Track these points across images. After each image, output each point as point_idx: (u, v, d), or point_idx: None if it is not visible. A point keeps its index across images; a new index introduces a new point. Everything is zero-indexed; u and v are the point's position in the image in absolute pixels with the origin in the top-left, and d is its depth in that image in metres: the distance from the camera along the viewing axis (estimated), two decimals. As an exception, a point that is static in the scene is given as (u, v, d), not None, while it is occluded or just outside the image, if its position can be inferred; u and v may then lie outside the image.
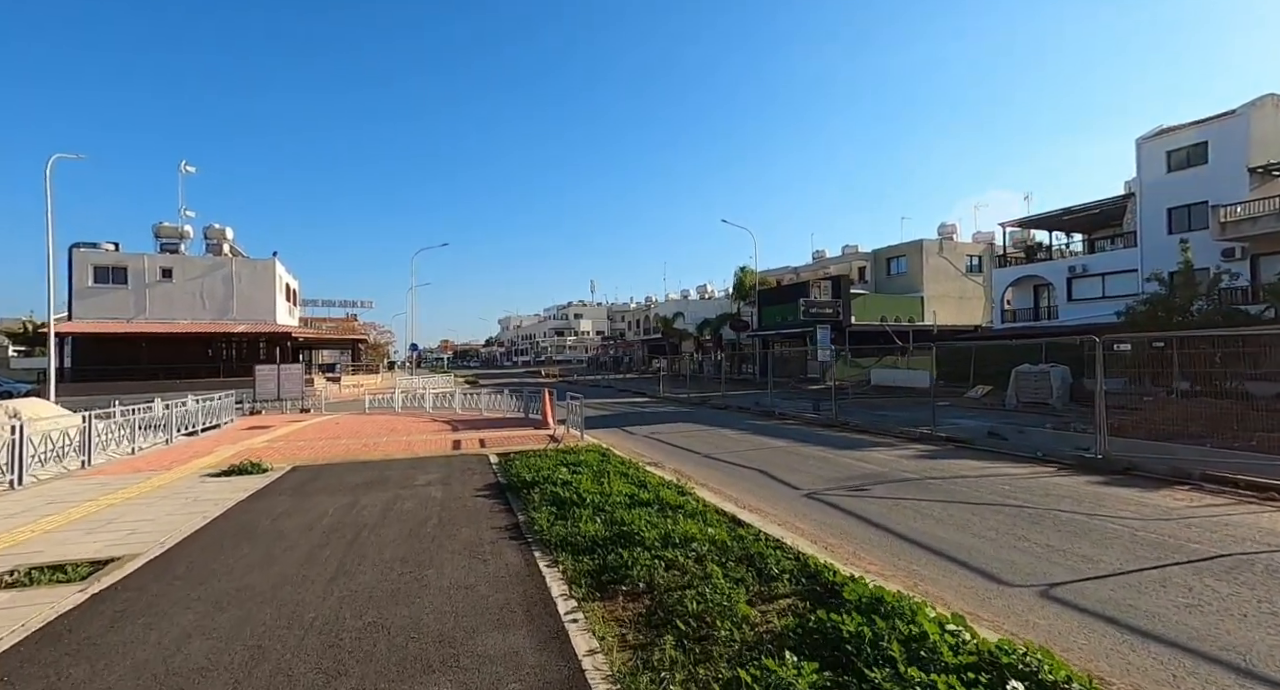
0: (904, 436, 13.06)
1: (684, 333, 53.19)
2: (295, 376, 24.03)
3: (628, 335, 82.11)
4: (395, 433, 14.51)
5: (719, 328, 46.01)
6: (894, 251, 42.37)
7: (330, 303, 58.81)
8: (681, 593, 4.09)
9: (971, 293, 41.86)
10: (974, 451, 10.97)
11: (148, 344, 31.66)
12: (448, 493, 7.78)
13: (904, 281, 41.00)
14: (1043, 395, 19.09)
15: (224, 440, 13.50)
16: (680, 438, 13.89)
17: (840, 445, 12.05)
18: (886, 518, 6.54)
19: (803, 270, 49.95)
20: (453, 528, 6.08)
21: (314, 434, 14.52)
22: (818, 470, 9.40)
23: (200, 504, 7.22)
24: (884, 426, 14.32)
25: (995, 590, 4.44)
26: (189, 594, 4.32)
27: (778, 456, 10.84)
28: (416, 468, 9.70)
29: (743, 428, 15.58)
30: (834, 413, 16.23)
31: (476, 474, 9.10)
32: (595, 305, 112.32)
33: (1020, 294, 33.36)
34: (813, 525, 6.36)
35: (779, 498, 7.68)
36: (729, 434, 14.36)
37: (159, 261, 33.97)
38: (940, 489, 7.86)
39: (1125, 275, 26.90)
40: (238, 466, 9.34)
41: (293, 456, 10.95)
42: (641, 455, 11.36)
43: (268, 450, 11.75)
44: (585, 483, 7.48)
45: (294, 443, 12.91)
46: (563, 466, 8.70)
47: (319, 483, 8.55)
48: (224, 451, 11.66)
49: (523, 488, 7.58)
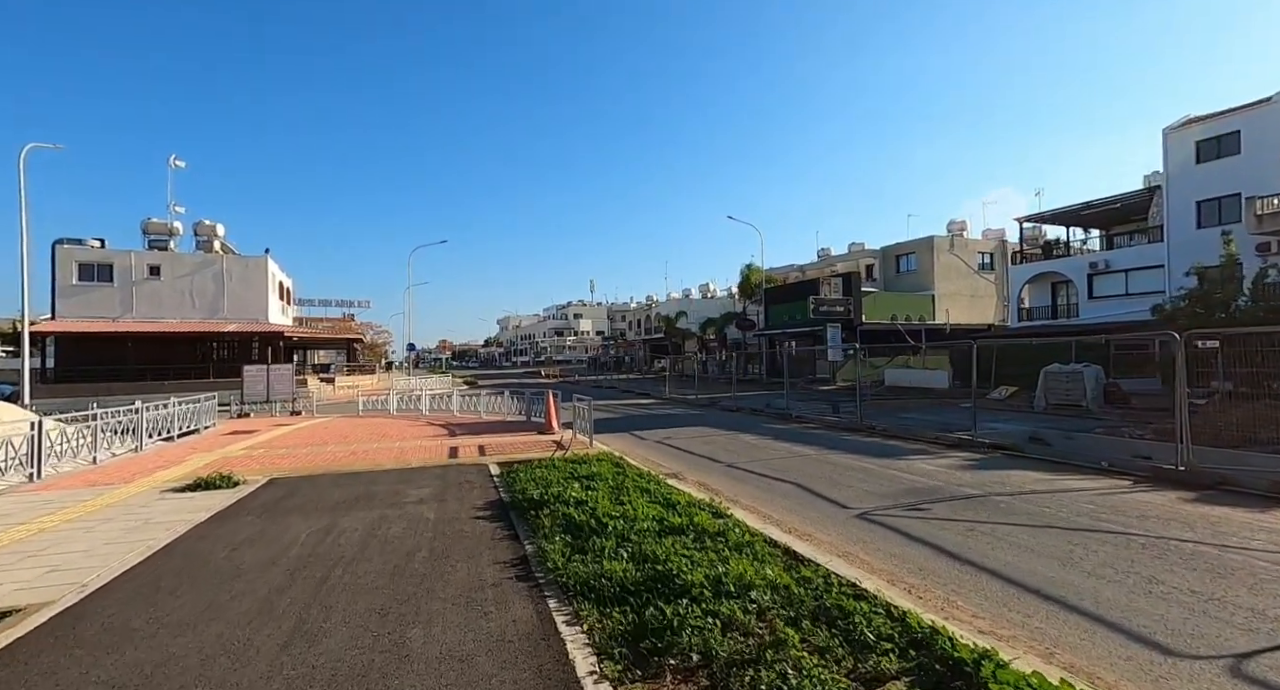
0: (940, 442, 11.99)
1: (687, 332, 52.10)
2: (285, 377, 22.90)
3: (628, 335, 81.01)
4: (387, 438, 13.41)
5: (724, 327, 44.93)
6: (903, 248, 41.32)
7: (327, 302, 57.63)
8: (753, 672, 3.01)
9: (983, 291, 40.82)
10: (1028, 461, 9.89)
11: (134, 344, 30.48)
12: (442, 513, 6.69)
13: (914, 279, 39.95)
14: (1074, 397, 18.02)
15: (200, 447, 12.39)
16: (697, 444, 12.80)
17: (874, 452, 10.97)
18: (966, 548, 5.46)
19: (808, 268, 48.88)
20: (447, 562, 4.99)
21: (299, 440, 13.42)
22: (861, 484, 8.32)
23: (149, 529, 6.13)
24: (914, 431, 13.25)
25: (1165, 665, 3.35)
26: (86, 674, 3.22)
27: (810, 466, 9.75)
28: (408, 480, 8.61)
29: (761, 432, 14.51)
30: (858, 416, 15.15)
31: (475, 488, 8.02)
32: (595, 305, 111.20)
33: (1037, 292, 32.30)
34: (881, 558, 5.28)
35: (828, 519, 6.60)
36: (748, 439, 13.28)
37: (146, 258, 32.80)
38: (1014, 508, 6.78)
39: (1150, 271, 25.85)
40: (205, 480, 8.24)
41: (271, 467, 9.85)
42: (658, 465, 10.28)
43: (245, 459, 10.65)
44: (602, 501, 6.40)
45: (275, 450, 11.81)
46: (574, 480, 7.62)
47: (295, 499, 7.46)
48: (196, 461, 10.56)
49: (529, 507, 6.49)
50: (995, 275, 41.29)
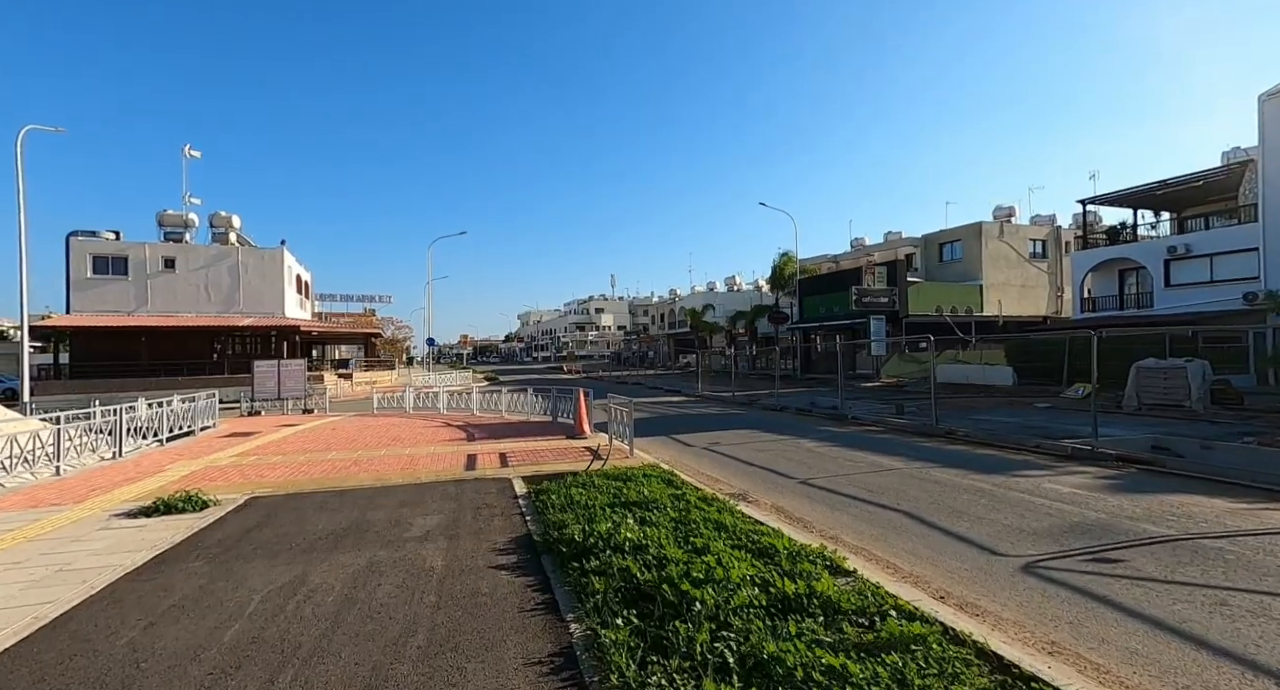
0: (1046, 452, 9.99)
1: (714, 326, 50.09)
2: (296, 373, 21.61)
3: (651, 330, 79.32)
4: (398, 443, 11.84)
5: (754, 320, 42.85)
6: (948, 236, 38.74)
7: (349, 297, 57.10)
8: None
9: (1035, 280, 38.08)
10: (1181, 480, 7.87)
11: (148, 338, 29.64)
12: (453, 557, 4.99)
13: (959, 268, 37.41)
14: (1176, 396, 15.73)
15: (188, 453, 10.95)
16: (752, 452, 10.98)
17: (977, 466, 9.03)
18: (1242, 642, 3.58)
19: (843, 258, 46.50)
20: (453, 658, 3.28)
21: (301, 443, 11.93)
22: (992, 513, 6.43)
23: (57, 582, 4.54)
24: (1004, 437, 11.24)
25: None
26: None
27: (910, 486, 7.87)
28: (414, 502, 6.95)
29: (820, 436, 12.63)
30: (933, 418, 13.15)
31: (497, 515, 6.33)
32: (616, 299, 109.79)
33: (1102, 280, 29.67)
34: (1119, 659, 3.42)
35: (984, 575, 4.74)
36: (809, 446, 11.42)
37: (161, 250, 31.93)
38: (1250, 562, 4.84)
39: (1241, 255, 23.20)
40: (167, 502, 6.68)
41: (257, 480, 8.30)
42: (716, 480, 8.50)
43: (230, 470, 9.13)
44: (669, 546, 4.65)
45: (269, 457, 10.30)
46: (623, 509, 5.87)
47: (268, 531, 5.84)
48: (175, 471, 9.07)
49: (571, 556, 4.74)
50: (1047, 263, 38.51)
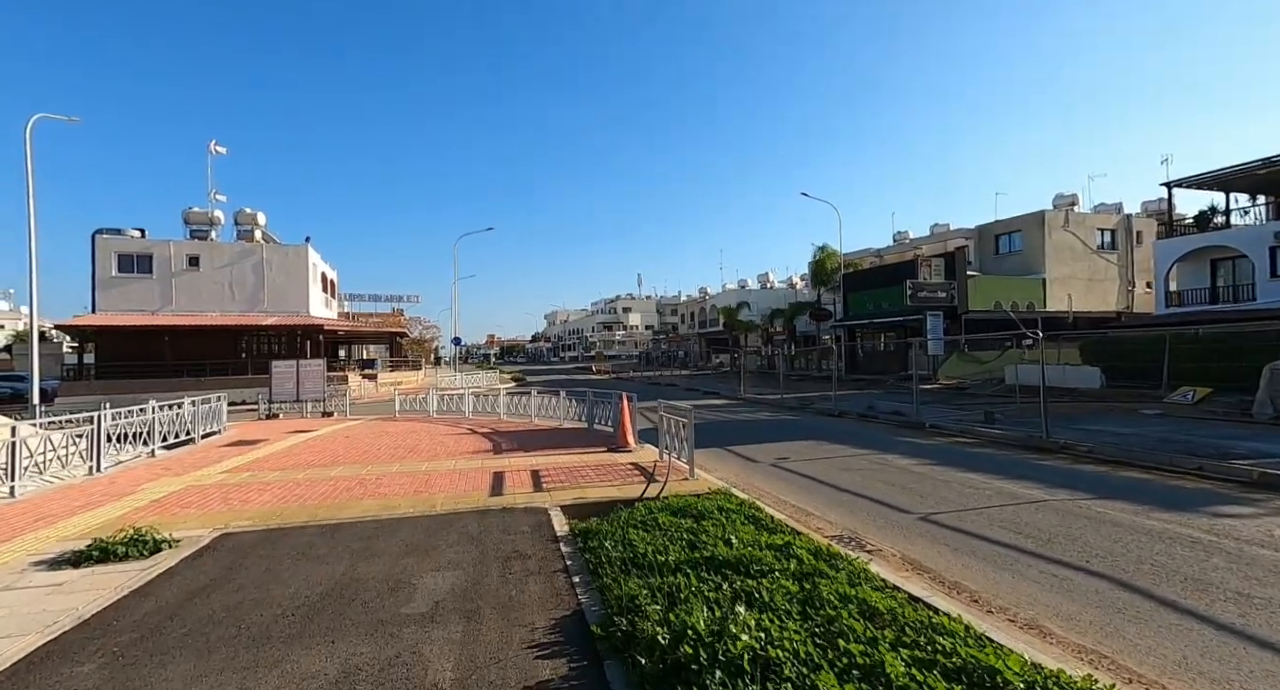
0: (1217, 476, 7.83)
1: (749, 324, 47.90)
2: (315, 374, 20.35)
3: (681, 329, 77.36)
4: (415, 455, 10.25)
5: (793, 318, 40.58)
6: (1005, 226, 35.91)
7: (377, 297, 56.53)
8: None
9: (1103, 273, 35.01)
10: None
11: (171, 338, 28.96)
12: (469, 667, 3.23)
13: (1018, 261, 34.59)
14: (1325, 402, 13.23)
15: (178, 466, 9.53)
16: (833, 470, 9.05)
17: (1146, 498, 6.95)
18: None
19: (886, 252, 43.91)
20: None
21: (306, 455, 10.43)
22: (1257, 587, 4.43)
23: None
24: (1140, 455, 9.04)
25: None
26: None
27: (1080, 529, 5.86)
28: (423, 548, 5.25)
29: (906, 451, 10.62)
30: (1044, 430, 11.00)
31: (533, 574, 4.57)
32: (644, 298, 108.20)
33: (1189, 272, 26.68)
34: None
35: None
36: (901, 464, 9.43)
37: (185, 248, 31.29)
38: None
39: (1366, 240, 20.27)
40: (105, 546, 5.11)
41: (239, 507, 6.73)
42: (807, 513, 6.63)
43: (212, 492, 7.60)
44: (813, 664, 2.82)
45: (264, 474, 8.78)
46: (715, 576, 4.04)
47: (219, 598, 4.19)
48: (149, 493, 7.58)
49: (656, 678, 2.93)
50: (1117, 255, 35.41)
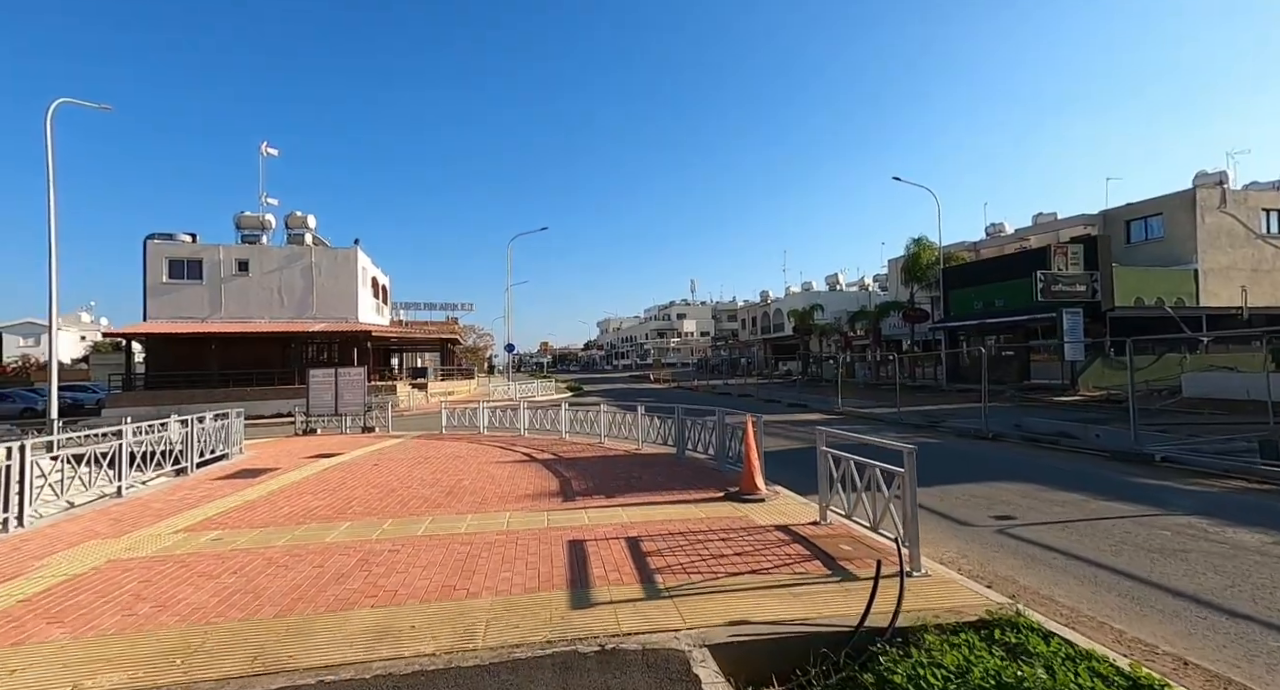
0: None
1: (824, 328, 43.61)
2: (355, 384, 17.99)
3: (741, 334, 73.42)
4: (454, 499, 7.23)
5: (879, 319, 36.17)
6: (1140, 210, 30.54)
7: (431, 306, 55.43)
8: None
9: (1272, 262, 29.12)
10: None
11: (218, 345, 27.68)
12: None
13: (1159, 250, 29.22)
14: None
15: (128, 517, 6.84)
16: (1101, 541, 5.39)
17: None
18: None
19: (982, 245, 38.93)
20: None
21: (309, 498, 7.59)
22: None
23: None
24: None
25: None
26: None
27: None
28: None
29: (1193, 507, 6.80)
30: None
31: None
32: (698, 305, 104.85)
33: None
34: None
35: None
36: (1224, 534, 5.67)
37: (234, 253, 30.17)
38: None
39: None
40: None
41: (135, 630, 3.79)
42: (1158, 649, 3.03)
43: (128, 584, 4.74)
44: None
45: (234, 535, 5.91)
46: None
47: None
48: (19, 585, 4.82)
49: None
50: (1289, 240, 29.42)
